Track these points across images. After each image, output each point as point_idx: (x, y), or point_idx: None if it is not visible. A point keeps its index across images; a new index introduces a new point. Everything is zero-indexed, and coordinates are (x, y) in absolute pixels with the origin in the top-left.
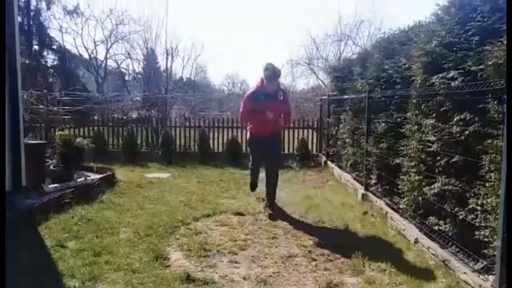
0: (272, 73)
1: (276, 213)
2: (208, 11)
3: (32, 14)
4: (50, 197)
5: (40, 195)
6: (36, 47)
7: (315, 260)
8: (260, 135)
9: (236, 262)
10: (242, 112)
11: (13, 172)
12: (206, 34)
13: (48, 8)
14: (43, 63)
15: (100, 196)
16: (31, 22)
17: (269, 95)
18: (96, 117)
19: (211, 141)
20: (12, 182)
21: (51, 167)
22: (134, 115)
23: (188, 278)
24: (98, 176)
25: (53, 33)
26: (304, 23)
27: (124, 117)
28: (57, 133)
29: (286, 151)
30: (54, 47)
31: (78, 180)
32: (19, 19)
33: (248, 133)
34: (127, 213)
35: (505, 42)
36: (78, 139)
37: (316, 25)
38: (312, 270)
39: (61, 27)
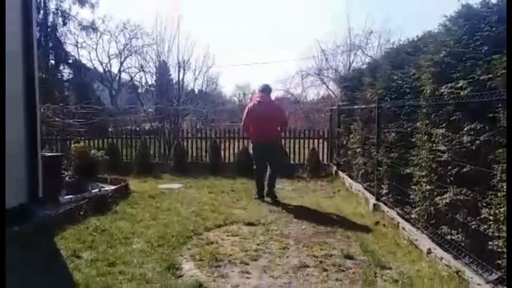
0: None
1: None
2: (220, 23)
3: (49, 30)
4: (65, 208)
5: (56, 206)
6: (52, 61)
7: (326, 270)
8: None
9: (247, 273)
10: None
11: (30, 183)
12: (218, 45)
13: (64, 24)
14: (59, 77)
15: (114, 206)
16: (48, 38)
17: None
18: (110, 129)
19: (222, 152)
20: (29, 194)
21: (66, 178)
22: (147, 126)
23: None
24: (112, 187)
25: (69, 48)
26: (314, 33)
27: (137, 129)
28: (72, 146)
29: (296, 161)
30: (70, 61)
31: (93, 191)
32: (37, 34)
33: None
34: (140, 224)
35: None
36: (93, 151)
37: (326, 36)
38: (324, 280)
39: (77, 42)
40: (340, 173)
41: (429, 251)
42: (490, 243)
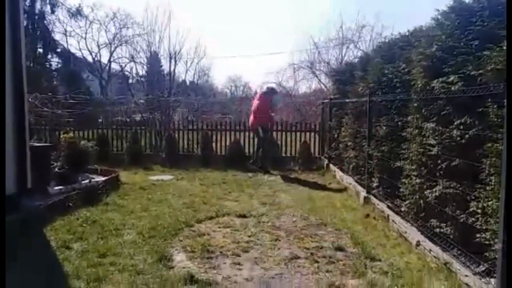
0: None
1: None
2: (212, 15)
3: (36, 17)
4: (55, 199)
5: (45, 197)
6: (40, 50)
7: (317, 262)
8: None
9: (239, 264)
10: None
11: (18, 174)
12: (210, 37)
13: (53, 12)
14: (48, 66)
15: (105, 198)
16: (36, 26)
17: None
18: (100, 120)
19: (213, 144)
20: (17, 184)
21: (56, 169)
22: (138, 118)
23: (192, 279)
24: (103, 178)
25: (57, 36)
26: (307, 26)
27: (128, 120)
28: (62, 136)
29: (288, 154)
30: (59, 50)
31: (83, 182)
32: (24, 22)
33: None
34: (131, 215)
35: (505, 47)
36: (83, 142)
37: (318, 29)
38: (314, 272)
39: (65, 30)
40: (332, 166)
41: (418, 244)
42: (478, 235)
